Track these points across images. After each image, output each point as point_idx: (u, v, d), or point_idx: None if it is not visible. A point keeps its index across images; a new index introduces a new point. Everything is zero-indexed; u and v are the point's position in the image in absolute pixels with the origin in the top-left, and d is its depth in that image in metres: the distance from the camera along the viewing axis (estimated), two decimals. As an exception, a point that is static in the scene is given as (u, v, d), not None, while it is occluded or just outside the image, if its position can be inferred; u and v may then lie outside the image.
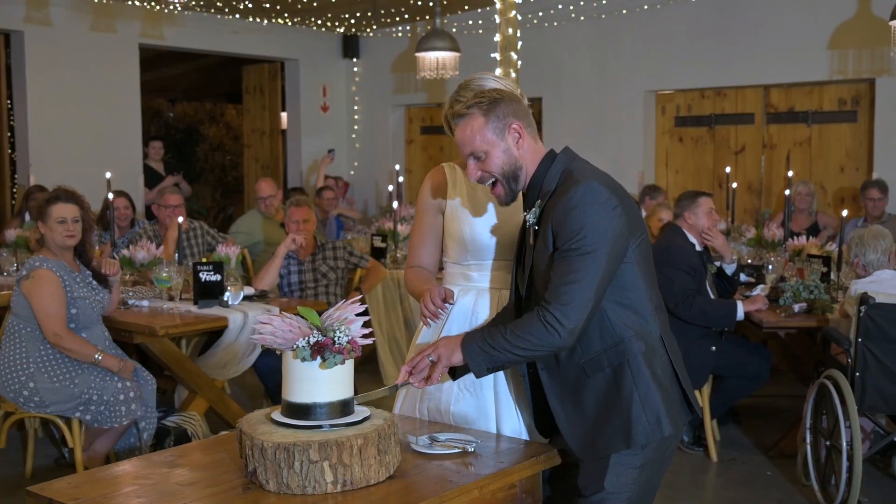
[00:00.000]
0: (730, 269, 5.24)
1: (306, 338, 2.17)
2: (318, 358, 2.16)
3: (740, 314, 4.82)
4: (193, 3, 8.69)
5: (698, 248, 5.03)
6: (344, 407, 2.22)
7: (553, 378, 2.42)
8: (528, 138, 2.43)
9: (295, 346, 2.17)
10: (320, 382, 2.18)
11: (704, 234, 5.03)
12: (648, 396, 2.32)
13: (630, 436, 2.32)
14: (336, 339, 2.19)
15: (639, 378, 2.32)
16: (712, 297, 5.02)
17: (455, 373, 2.55)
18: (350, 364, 2.24)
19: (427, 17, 9.66)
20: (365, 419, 2.23)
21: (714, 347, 4.89)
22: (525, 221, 2.46)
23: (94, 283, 4.40)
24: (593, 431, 2.36)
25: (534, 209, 2.41)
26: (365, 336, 2.28)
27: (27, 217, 6.72)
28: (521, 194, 2.49)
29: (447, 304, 2.65)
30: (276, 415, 2.25)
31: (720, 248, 5.09)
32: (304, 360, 2.16)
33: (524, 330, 2.29)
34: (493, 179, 2.44)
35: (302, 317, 2.23)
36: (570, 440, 2.40)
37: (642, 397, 2.32)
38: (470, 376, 2.69)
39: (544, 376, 2.43)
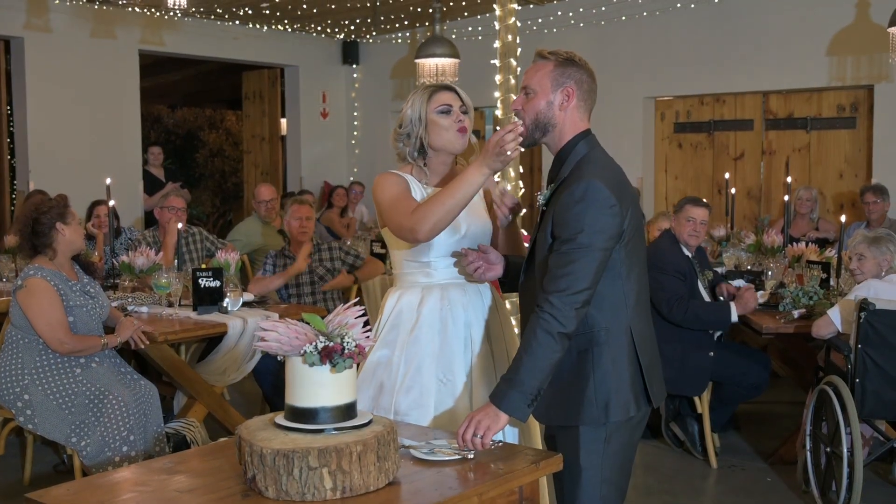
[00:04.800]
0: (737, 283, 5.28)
1: (314, 343, 2.18)
2: (328, 363, 2.17)
3: (734, 316, 4.82)
4: (193, 9, 8.70)
5: (687, 252, 5.05)
6: (348, 410, 2.22)
7: None
8: (575, 107, 2.57)
9: (303, 352, 2.17)
10: (326, 386, 2.18)
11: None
12: (602, 383, 2.49)
13: (579, 413, 2.50)
14: (345, 344, 2.20)
15: (598, 365, 2.50)
16: (707, 300, 5.03)
17: None
18: (353, 368, 2.24)
19: (426, 24, 9.68)
20: (366, 424, 2.23)
21: (712, 353, 4.89)
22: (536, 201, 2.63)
23: (93, 290, 4.39)
24: (550, 402, 2.53)
25: (546, 192, 2.58)
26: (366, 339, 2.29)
27: None
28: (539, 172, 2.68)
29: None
30: (280, 419, 2.25)
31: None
32: (312, 364, 2.17)
33: (530, 342, 2.42)
34: (523, 120, 2.58)
35: (306, 322, 2.24)
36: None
37: (596, 383, 2.49)
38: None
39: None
